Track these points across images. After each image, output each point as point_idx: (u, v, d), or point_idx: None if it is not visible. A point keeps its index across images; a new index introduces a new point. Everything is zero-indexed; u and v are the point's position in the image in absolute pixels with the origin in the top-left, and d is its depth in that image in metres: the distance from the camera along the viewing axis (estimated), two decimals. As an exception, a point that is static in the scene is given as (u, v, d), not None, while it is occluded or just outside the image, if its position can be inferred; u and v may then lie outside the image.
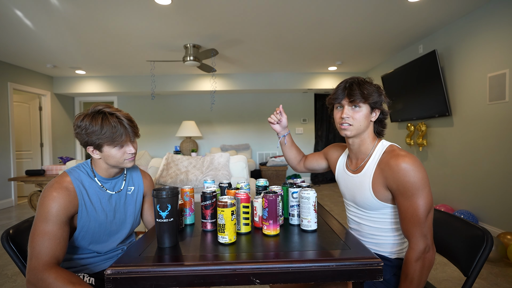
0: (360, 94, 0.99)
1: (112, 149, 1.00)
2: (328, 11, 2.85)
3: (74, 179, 1.00)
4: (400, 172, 0.91)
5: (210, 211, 1.00)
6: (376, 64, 4.95)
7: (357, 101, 0.99)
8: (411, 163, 0.91)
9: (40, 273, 0.84)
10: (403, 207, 0.93)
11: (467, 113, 3.00)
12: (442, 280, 1.97)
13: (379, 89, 1.03)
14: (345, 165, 1.16)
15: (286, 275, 0.73)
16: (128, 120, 1.02)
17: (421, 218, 0.89)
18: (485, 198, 2.79)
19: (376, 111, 1.04)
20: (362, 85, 1.00)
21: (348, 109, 1.01)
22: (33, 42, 3.55)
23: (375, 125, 1.07)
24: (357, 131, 1.02)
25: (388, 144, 1.03)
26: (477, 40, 2.86)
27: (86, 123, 0.97)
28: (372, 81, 1.05)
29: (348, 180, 1.11)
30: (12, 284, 2.01)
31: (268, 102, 6.13)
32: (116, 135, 0.97)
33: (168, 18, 2.97)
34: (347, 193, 1.13)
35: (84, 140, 0.98)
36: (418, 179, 0.89)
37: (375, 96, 1.00)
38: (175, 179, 2.57)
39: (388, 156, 0.97)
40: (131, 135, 1.02)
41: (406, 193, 0.91)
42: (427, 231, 0.90)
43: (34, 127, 5.17)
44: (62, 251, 0.91)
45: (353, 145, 1.08)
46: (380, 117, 1.06)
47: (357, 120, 1.01)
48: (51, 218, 0.91)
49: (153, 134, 6.10)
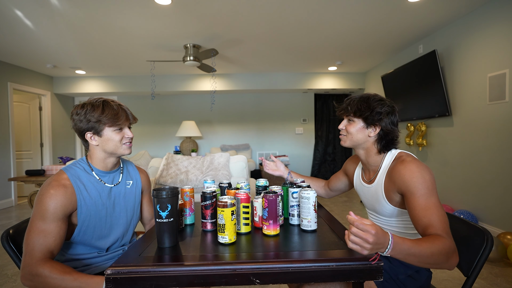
0: (351, 109, 1.06)
1: (112, 132, 1.03)
2: (328, 11, 2.85)
3: (71, 176, 1.00)
4: (407, 174, 0.93)
5: (210, 211, 1.00)
6: (376, 64, 4.95)
7: (348, 116, 1.07)
8: (417, 165, 0.93)
9: (34, 268, 0.86)
10: (418, 206, 0.89)
11: (467, 113, 3.00)
12: (442, 280, 1.97)
13: (381, 106, 1.03)
14: (360, 177, 1.19)
15: (286, 275, 0.73)
16: (128, 109, 1.10)
17: (441, 215, 0.86)
18: (485, 198, 2.79)
19: (375, 127, 1.04)
20: (362, 101, 1.05)
21: (345, 121, 1.10)
22: (33, 42, 3.55)
23: (378, 141, 1.06)
24: (352, 142, 1.08)
25: (397, 152, 1.05)
26: (477, 40, 2.86)
27: (87, 108, 1.01)
28: (379, 98, 1.05)
29: (365, 191, 1.14)
30: (12, 284, 2.01)
31: (268, 102, 6.14)
32: (117, 116, 1.03)
33: (168, 18, 2.97)
34: (367, 203, 1.16)
35: (83, 127, 1.01)
36: (428, 179, 0.90)
37: (367, 112, 1.02)
38: (175, 179, 2.57)
39: (395, 163, 1.00)
40: (130, 117, 1.09)
41: (418, 192, 0.90)
42: (449, 232, 0.85)
43: (34, 127, 5.17)
44: (56, 246, 0.93)
45: (361, 156, 1.12)
46: (381, 133, 1.04)
47: (349, 132, 1.07)
48: (47, 215, 0.91)
49: (153, 134, 6.10)
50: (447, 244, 0.79)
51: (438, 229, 0.83)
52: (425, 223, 0.86)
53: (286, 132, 6.13)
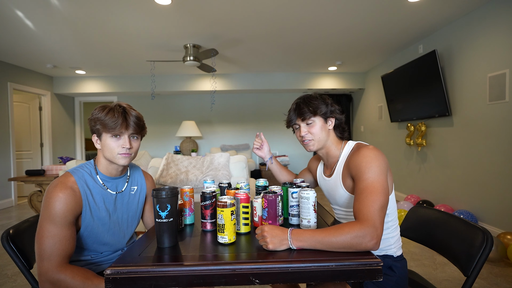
0: (308, 110, 1.08)
1: (109, 138, 1.01)
2: (328, 11, 2.85)
3: (78, 179, 1.00)
4: (359, 157, 0.96)
5: (210, 211, 1.00)
6: (376, 64, 4.95)
7: (308, 117, 1.09)
8: (371, 150, 0.96)
9: (56, 274, 0.87)
10: (358, 190, 0.91)
11: (467, 113, 3.00)
12: (442, 280, 1.97)
13: (325, 100, 1.11)
14: (322, 172, 1.22)
15: (286, 275, 0.73)
16: (136, 118, 1.04)
17: (372, 200, 0.84)
18: (485, 198, 2.79)
19: (331, 119, 1.11)
20: (307, 102, 1.09)
21: (304, 127, 1.11)
22: (33, 42, 3.55)
23: (335, 131, 1.14)
24: (319, 143, 1.10)
25: (354, 143, 1.10)
26: (477, 40, 2.86)
27: (98, 110, 1.01)
28: (317, 94, 1.13)
29: (326, 185, 1.18)
30: (12, 284, 2.01)
31: (268, 102, 6.14)
32: (114, 123, 0.98)
33: (168, 18, 2.97)
34: (329, 197, 1.19)
35: (91, 127, 1.03)
36: (377, 165, 0.92)
37: (323, 107, 1.09)
38: (175, 179, 2.57)
39: (353, 152, 1.05)
40: (130, 127, 1.02)
41: (363, 176, 0.92)
42: (377, 218, 0.82)
43: (34, 127, 5.17)
44: (72, 249, 0.94)
45: (323, 155, 1.17)
46: (336, 123, 1.13)
47: (314, 133, 1.09)
48: (58, 219, 0.91)
49: (153, 134, 6.10)
50: (355, 228, 0.78)
51: (361, 213, 0.83)
52: (356, 207, 0.87)
53: (286, 132, 6.13)
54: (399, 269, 1.03)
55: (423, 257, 2.34)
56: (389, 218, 1.05)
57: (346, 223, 0.82)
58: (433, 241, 1.15)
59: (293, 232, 0.82)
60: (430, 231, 1.17)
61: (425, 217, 1.22)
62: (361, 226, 0.79)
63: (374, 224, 0.80)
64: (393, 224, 1.06)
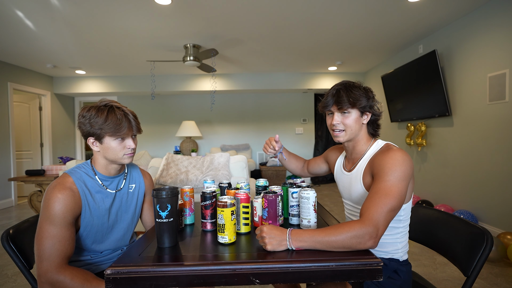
0: (347, 101, 1.00)
1: (113, 141, 1.00)
2: (328, 11, 2.85)
3: (76, 180, 1.00)
4: (386, 157, 0.93)
5: (210, 211, 1.00)
6: (376, 64, 4.95)
7: (345, 107, 1.01)
8: (400, 154, 0.92)
9: (55, 275, 0.87)
10: (373, 188, 0.89)
11: (467, 113, 3.00)
12: (442, 280, 1.97)
13: (367, 93, 1.04)
14: (342, 165, 1.18)
15: (286, 275, 0.73)
16: (135, 118, 1.05)
17: (383, 203, 0.83)
18: (485, 198, 2.79)
19: (367, 114, 1.05)
20: (349, 91, 1.02)
21: (337, 116, 1.04)
22: (33, 42, 3.55)
23: (369, 126, 1.08)
24: (350, 135, 1.05)
25: (384, 143, 1.05)
26: (477, 40, 2.86)
27: (92, 113, 0.98)
28: (361, 84, 1.06)
29: (343, 179, 1.14)
30: (12, 284, 2.01)
31: (268, 102, 6.14)
32: (119, 126, 0.98)
33: (168, 18, 2.97)
34: (343, 191, 1.16)
35: (86, 130, 0.99)
36: (403, 170, 0.89)
37: (363, 100, 1.02)
38: (175, 179, 2.57)
39: (381, 150, 1.00)
40: (134, 129, 1.03)
41: (384, 176, 0.89)
42: (381, 220, 0.81)
43: (34, 127, 5.16)
44: (71, 250, 0.94)
45: (348, 147, 1.11)
46: (372, 119, 1.07)
47: (347, 125, 1.03)
48: (57, 220, 0.91)
49: (153, 134, 6.10)
50: (355, 228, 0.78)
51: (367, 213, 0.82)
52: (365, 205, 0.85)
53: (286, 132, 6.13)
54: (404, 274, 1.01)
55: (423, 257, 2.34)
56: (401, 225, 1.01)
57: (346, 223, 0.82)
58: (433, 241, 1.15)
59: (293, 232, 0.81)
60: (430, 231, 1.17)
61: (425, 217, 1.22)
62: (362, 226, 0.79)
63: (376, 225, 0.80)
64: (403, 230, 1.03)
